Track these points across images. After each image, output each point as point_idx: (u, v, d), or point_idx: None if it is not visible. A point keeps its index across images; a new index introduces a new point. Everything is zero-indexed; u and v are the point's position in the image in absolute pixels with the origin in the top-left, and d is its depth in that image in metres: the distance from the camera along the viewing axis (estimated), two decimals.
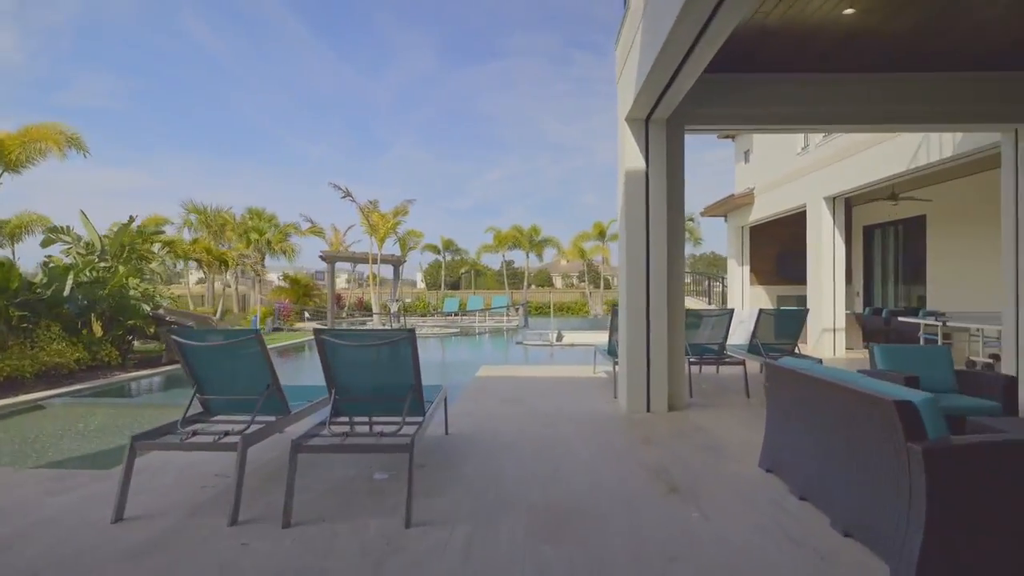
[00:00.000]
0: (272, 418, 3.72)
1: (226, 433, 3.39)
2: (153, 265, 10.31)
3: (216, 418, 3.83)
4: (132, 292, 8.82)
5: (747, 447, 4.43)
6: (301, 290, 22.46)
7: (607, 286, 33.84)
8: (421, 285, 52.24)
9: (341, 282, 48.45)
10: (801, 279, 15.01)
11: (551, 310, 21.19)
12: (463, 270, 46.89)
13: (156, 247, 13.01)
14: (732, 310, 7.04)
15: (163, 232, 12.87)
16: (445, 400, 4.78)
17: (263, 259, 21.25)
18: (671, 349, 5.79)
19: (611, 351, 7.18)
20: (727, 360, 6.84)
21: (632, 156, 5.68)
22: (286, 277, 24.58)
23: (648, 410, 5.68)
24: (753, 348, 6.95)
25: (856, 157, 9.74)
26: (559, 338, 15.30)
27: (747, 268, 15.72)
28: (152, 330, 9.36)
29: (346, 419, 4.12)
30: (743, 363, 6.69)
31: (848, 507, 2.81)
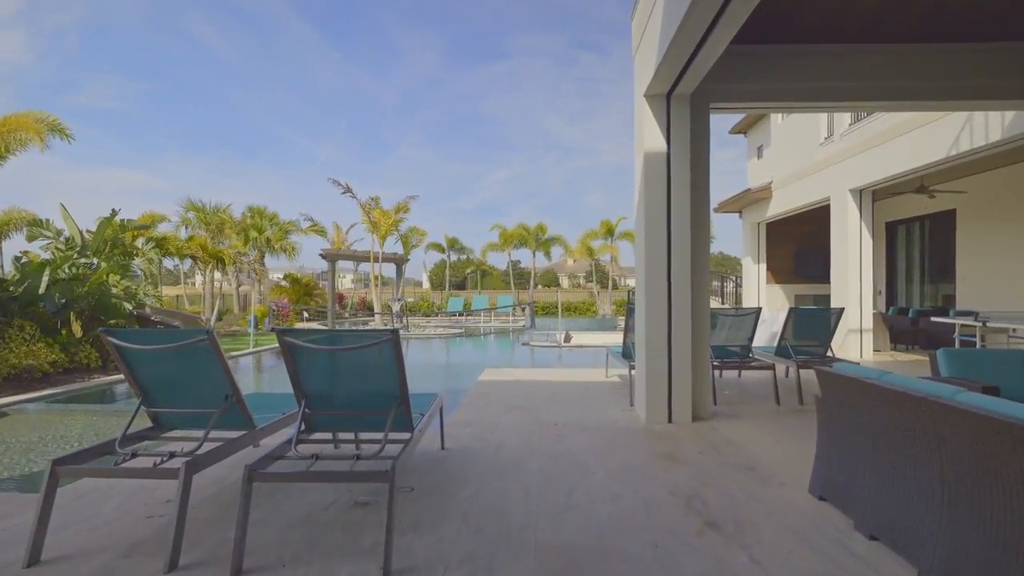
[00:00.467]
0: (235, 434, 3.15)
1: (172, 455, 2.82)
2: (137, 261, 9.77)
3: (170, 433, 3.27)
4: (114, 290, 8.28)
5: (789, 466, 3.82)
6: (302, 289, 21.93)
7: (615, 286, 33.16)
8: (426, 285, 51.81)
9: (347, 282, 48.06)
10: (820, 278, 14.35)
11: (559, 310, 20.56)
12: (469, 270, 46.36)
13: (141, 242, 12.41)
14: (759, 309, 6.41)
15: (148, 227, 12.15)
16: (441, 410, 4.20)
17: (263, 258, 20.72)
18: (695, 351, 5.18)
19: (626, 353, 6.58)
20: (753, 364, 6.22)
21: (652, 137, 5.08)
22: (287, 276, 24.06)
23: (669, 420, 5.07)
24: (782, 350, 6.33)
25: (886, 146, 9.09)
26: (567, 339, 14.71)
27: (763, 266, 15.06)
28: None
29: (325, 435, 3.57)
30: (772, 367, 6.06)
31: (948, 557, 2.20)
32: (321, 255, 19.78)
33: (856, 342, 9.87)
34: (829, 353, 6.44)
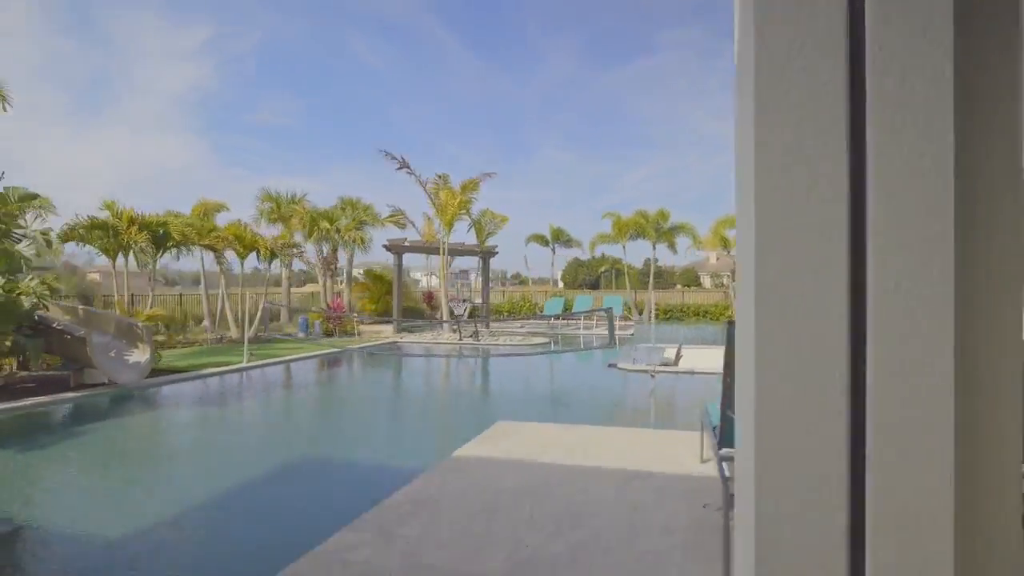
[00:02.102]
0: None
1: None
2: (22, 246, 7.72)
3: None
4: None
5: None
6: (383, 287, 19.78)
7: None
8: (560, 284, 48.55)
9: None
10: None
11: (683, 315, 16.21)
12: (603, 269, 42.09)
13: (30, 217, 8.66)
14: None
15: (37, 196, 8.99)
16: None
17: (335, 251, 18.86)
18: (962, 468, 1.21)
19: (727, 438, 2.72)
20: None
21: None
22: (366, 272, 22.12)
23: None
24: None
25: None
26: (676, 358, 10.54)
27: None
28: (9, 341, 6.69)
29: None
30: None
31: None
32: (385, 247, 17.44)
33: None
34: None
